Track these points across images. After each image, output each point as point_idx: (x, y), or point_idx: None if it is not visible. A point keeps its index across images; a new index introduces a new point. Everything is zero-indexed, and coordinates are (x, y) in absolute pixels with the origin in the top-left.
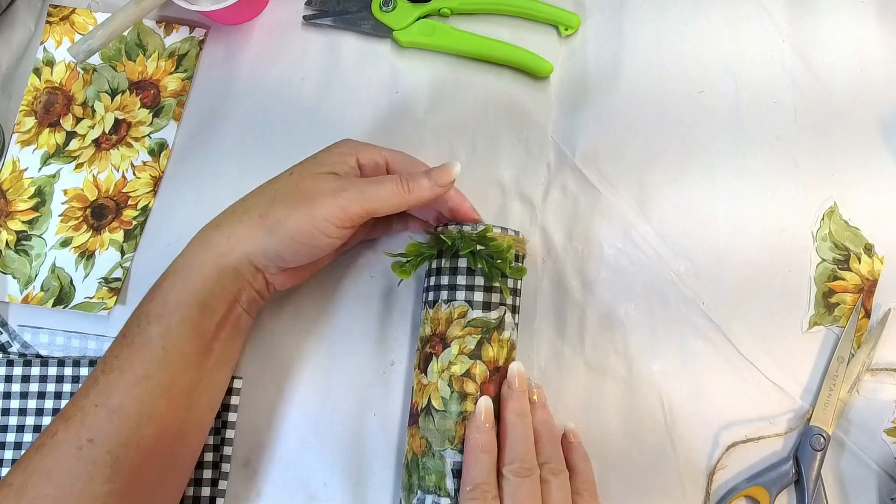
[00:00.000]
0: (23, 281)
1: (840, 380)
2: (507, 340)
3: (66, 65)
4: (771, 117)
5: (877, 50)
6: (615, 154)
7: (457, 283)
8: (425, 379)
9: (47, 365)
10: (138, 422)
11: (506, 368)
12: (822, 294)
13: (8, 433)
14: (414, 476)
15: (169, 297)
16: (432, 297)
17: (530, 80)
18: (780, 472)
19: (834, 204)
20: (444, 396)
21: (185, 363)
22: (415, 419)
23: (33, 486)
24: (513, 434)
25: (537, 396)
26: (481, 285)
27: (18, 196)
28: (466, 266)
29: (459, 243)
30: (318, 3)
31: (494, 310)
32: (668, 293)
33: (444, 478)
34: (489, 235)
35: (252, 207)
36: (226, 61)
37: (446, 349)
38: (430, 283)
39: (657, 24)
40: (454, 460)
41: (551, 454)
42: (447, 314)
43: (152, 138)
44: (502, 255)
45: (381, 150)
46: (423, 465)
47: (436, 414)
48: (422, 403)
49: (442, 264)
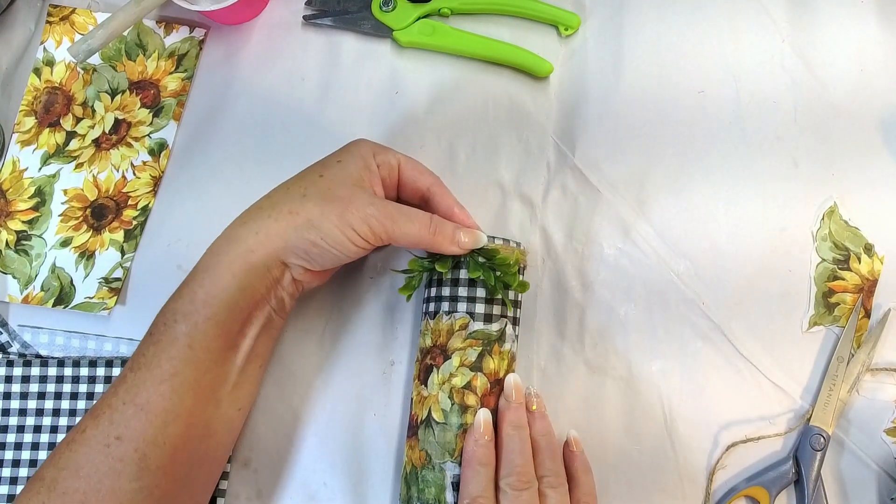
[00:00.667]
0: (23, 281)
1: (840, 380)
2: (508, 352)
3: (66, 65)
4: (771, 117)
5: (877, 50)
6: (615, 154)
7: (458, 295)
8: (425, 391)
9: (47, 365)
10: (165, 419)
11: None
12: (821, 294)
13: (8, 433)
14: (413, 489)
15: (197, 295)
16: (433, 308)
17: (530, 80)
18: (780, 472)
19: (834, 204)
20: (445, 409)
21: (211, 360)
22: (414, 431)
23: (63, 480)
24: (510, 446)
25: (536, 406)
26: (483, 297)
27: (18, 196)
28: (468, 277)
29: (464, 260)
30: (318, 3)
31: (496, 322)
32: (668, 293)
33: (443, 490)
34: (493, 248)
35: (281, 202)
36: (226, 61)
37: (447, 361)
38: (430, 295)
39: (657, 25)
40: (454, 473)
41: (550, 467)
42: (448, 325)
43: (152, 138)
44: (509, 269)
45: (396, 154)
46: (422, 477)
47: (436, 426)
48: (422, 415)
49: (444, 276)
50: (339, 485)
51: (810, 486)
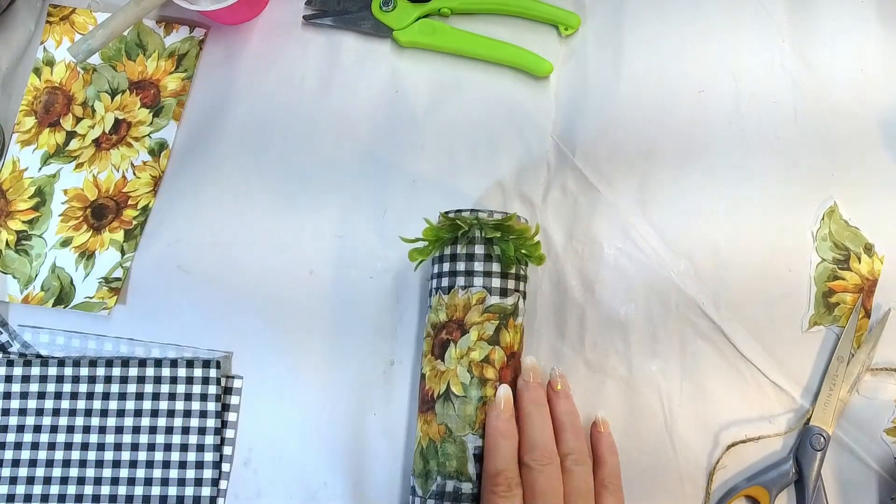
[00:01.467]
0: (23, 281)
1: (840, 380)
2: (520, 326)
3: (66, 65)
4: (771, 117)
5: (877, 50)
6: (615, 154)
7: (474, 270)
8: (442, 365)
9: (47, 365)
10: None
11: (520, 354)
12: (821, 294)
13: (8, 433)
14: (432, 462)
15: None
16: (447, 284)
17: (530, 80)
18: (780, 471)
19: (834, 204)
20: (464, 382)
21: None
22: (429, 406)
23: None
24: (531, 423)
25: (561, 385)
26: (498, 272)
27: (18, 196)
28: (484, 252)
29: (478, 228)
30: (318, 3)
31: (510, 296)
32: (668, 293)
33: (466, 463)
34: (509, 224)
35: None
36: (226, 61)
37: (465, 335)
38: (442, 270)
39: (657, 24)
40: (476, 445)
41: (574, 445)
42: (465, 300)
43: (152, 138)
44: (528, 241)
45: None
46: (442, 450)
47: (455, 400)
48: (439, 389)
49: (457, 251)
50: (339, 485)
51: (810, 485)
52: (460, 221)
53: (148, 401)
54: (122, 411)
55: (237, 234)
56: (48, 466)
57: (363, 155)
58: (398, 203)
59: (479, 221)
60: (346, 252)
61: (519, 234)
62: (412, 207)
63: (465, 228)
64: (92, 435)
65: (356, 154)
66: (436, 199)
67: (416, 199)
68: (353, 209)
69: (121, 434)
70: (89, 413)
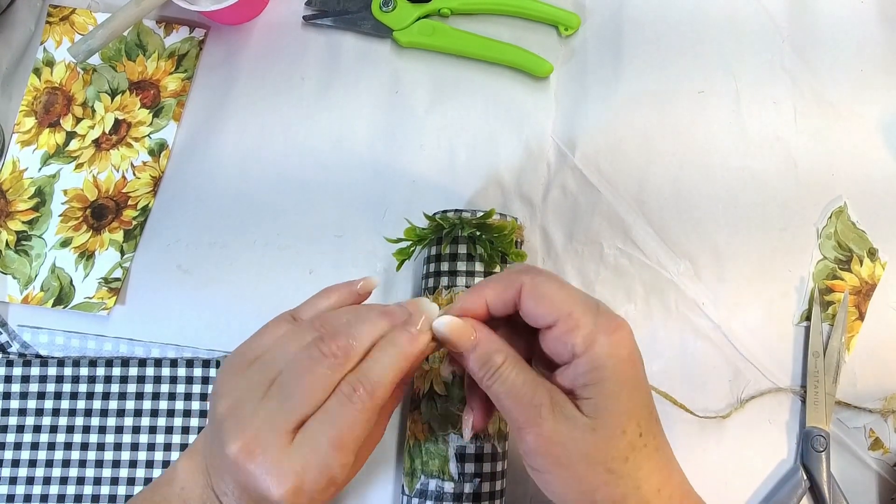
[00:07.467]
0: (23, 281)
1: (822, 374)
2: None
3: (66, 65)
4: (771, 117)
5: (877, 50)
6: (615, 154)
7: (457, 269)
8: (426, 364)
9: (47, 365)
10: None
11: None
12: (818, 291)
13: (8, 433)
14: (417, 461)
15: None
16: (432, 284)
17: (530, 80)
18: (792, 483)
19: (844, 204)
20: (446, 381)
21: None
22: (416, 405)
23: None
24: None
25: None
26: (481, 271)
27: (18, 196)
28: (466, 252)
29: (459, 227)
30: (318, 3)
31: None
32: (668, 293)
33: (447, 462)
34: (489, 222)
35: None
36: (226, 61)
37: None
38: (429, 270)
39: (657, 25)
40: (458, 444)
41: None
42: (448, 299)
43: (152, 138)
44: (505, 238)
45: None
46: (426, 449)
47: (438, 399)
48: (424, 388)
49: (441, 251)
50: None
51: (824, 489)
52: (442, 221)
53: (148, 401)
54: (121, 411)
55: (237, 234)
56: (48, 466)
57: (363, 155)
58: (398, 203)
59: (461, 221)
60: (346, 252)
61: (497, 231)
62: (412, 207)
63: (447, 228)
64: (92, 435)
65: (356, 154)
66: (436, 199)
67: (416, 199)
68: (353, 209)
69: (120, 434)
70: (89, 413)
